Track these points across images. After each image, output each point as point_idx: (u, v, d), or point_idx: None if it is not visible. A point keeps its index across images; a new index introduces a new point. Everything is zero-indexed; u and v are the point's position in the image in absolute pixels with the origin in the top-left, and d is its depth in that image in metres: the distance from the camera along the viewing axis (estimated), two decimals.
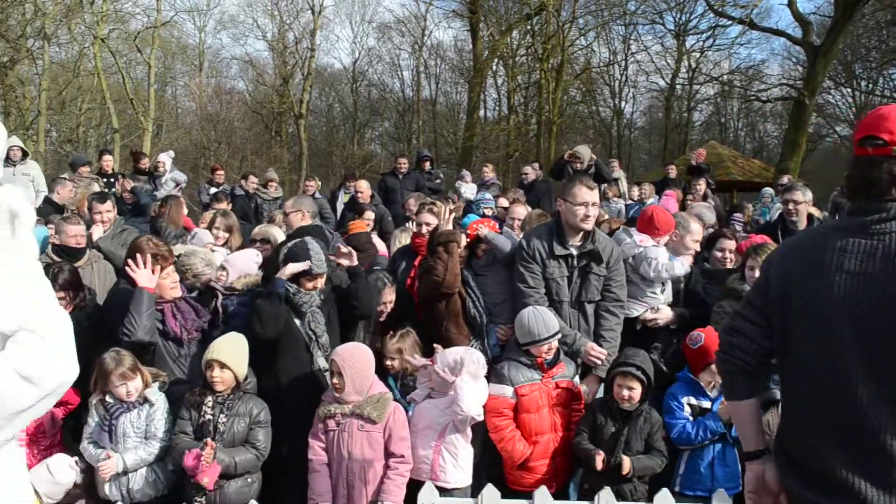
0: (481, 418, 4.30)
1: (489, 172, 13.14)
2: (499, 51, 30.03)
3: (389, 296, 5.27)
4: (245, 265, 5.33)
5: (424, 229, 5.58)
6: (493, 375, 4.58)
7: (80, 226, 5.70)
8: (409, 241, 5.98)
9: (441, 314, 5.14)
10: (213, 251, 5.75)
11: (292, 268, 4.61)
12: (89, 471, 4.26)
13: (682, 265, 5.15)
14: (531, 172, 12.54)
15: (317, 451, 4.25)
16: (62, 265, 4.96)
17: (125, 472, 4.15)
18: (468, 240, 5.41)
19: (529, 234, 5.15)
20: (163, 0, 28.47)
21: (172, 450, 4.15)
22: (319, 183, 12.72)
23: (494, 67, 32.13)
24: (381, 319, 5.23)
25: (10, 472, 2.14)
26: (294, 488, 4.40)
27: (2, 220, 2.10)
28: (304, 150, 31.29)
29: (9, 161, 9.25)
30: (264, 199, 11.07)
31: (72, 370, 2.08)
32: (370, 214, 8.21)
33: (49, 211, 7.48)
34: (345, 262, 4.98)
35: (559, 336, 4.60)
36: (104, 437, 4.22)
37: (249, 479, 4.19)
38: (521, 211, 6.87)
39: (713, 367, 4.32)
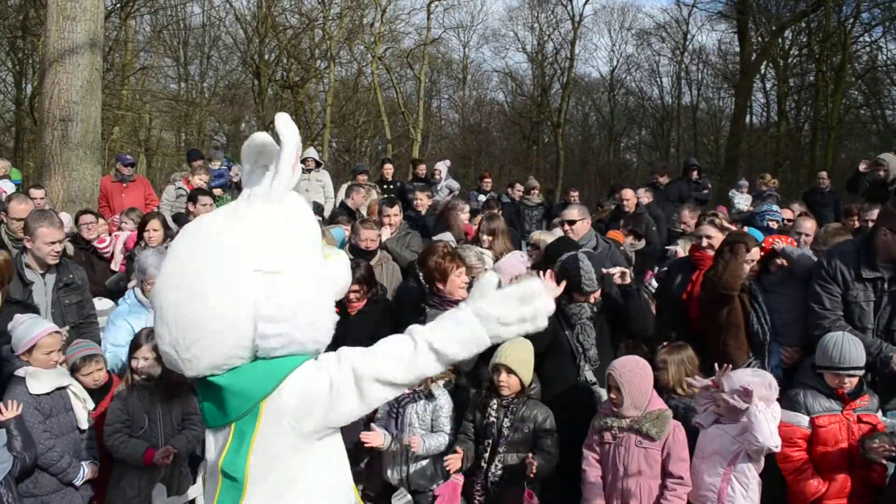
0: (778, 449, 3.99)
1: (766, 182, 12.19)
2: (769, 52, 28.02)
3: None
4: (515, 267, 5.40)
5: (705, 242, 5.32)
6: (786, 401, 4.24)
7: (374, 230, 6.15)
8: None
9: (721, 325, 4.88)
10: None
11: (561, 286, 4.61)
12: (375, 454, 4.56)
13: None
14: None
15: (591, 462, 4.21)
16: (359, 261, 5.36)
17: (416, 459, 4.38)
18: (762, 253, 5.08)
19: (832, 253, 4.72)
20: (432, 19, 30.26)
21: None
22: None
23: (763, 70, 30.06)
24: None
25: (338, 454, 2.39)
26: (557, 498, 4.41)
27: None
28: (560, 158, 31.49)
29: (304, 169, 10.30)
30: (526, 206, 11.30)
31: None
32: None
33: (343, 214, 8.21)
34: (617, 280, 4.89)
35: (860, 372, 4.15)
36: (391, 423, 4.50)
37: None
38: (810, 225, 6.30)
39: None
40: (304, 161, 10.57)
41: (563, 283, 4.76)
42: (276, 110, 28.20)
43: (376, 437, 4.35)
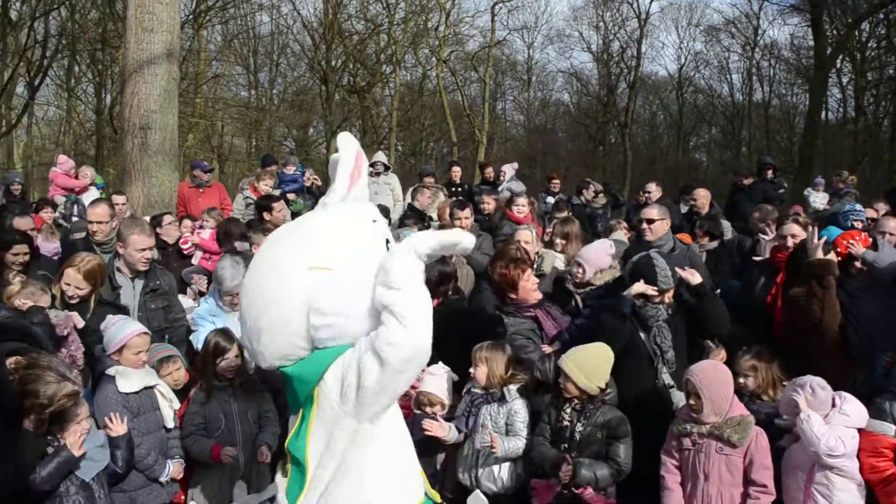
0: (838, 453, 3.86)
1: (844, 180, 11.72)
2: (846, 45, 27.03)
3: None
4: (600, 259, 5.31)
5: (790, 242, 5.15)
6: (873, 410, 4.07)
7: None
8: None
9: (814, 348, 4.70)
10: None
11: (639, 287, 4.54)
12: (450, 454, 4.56)
13: None
14: None
15: (669, 468, 4.14)
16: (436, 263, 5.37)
17: (486, 463, 4.35)
18: (839, 258, 4.88)
19: None
20: (496, 20, 30.22)
21: (532, 451, 4.29)
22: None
23: (839, 64, 29.01)
24: None
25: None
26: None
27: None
28: (628, 159, 31.05)
29: (372, 173, 10.40)
30: (594, 208, 11.14)
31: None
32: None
33: (412, 216, 8.27)
34: (688, 278, 4.80)
35: None
36: (462, 422, 4.49)
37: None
38: (895, 224, 6.04)
39: None
40: (372, 165, 10.69)
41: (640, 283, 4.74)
42: (344, 115, 28.80)
43: (439, 428, 4.38)
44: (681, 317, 4.73)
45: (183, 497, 4.55)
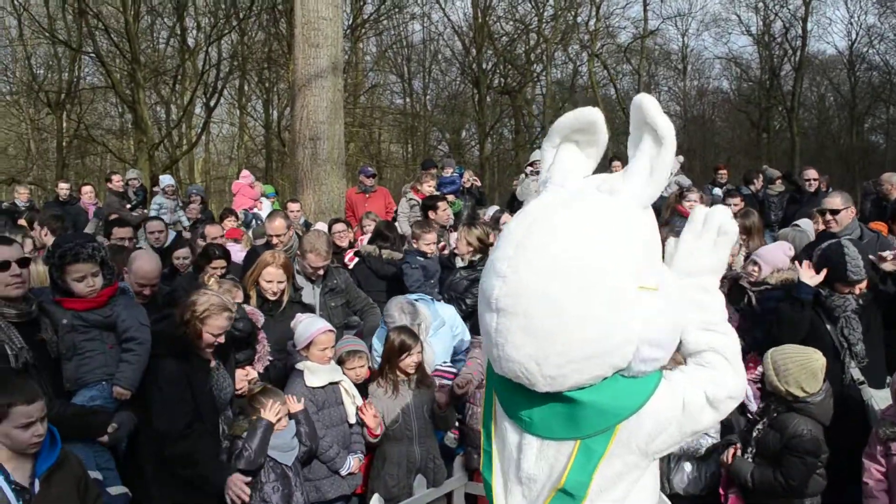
0: None
1: None
2: None
3: None
4: (777, 259, 5.15)
5: None
6: None
7: None
8: None
9: None
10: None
11: (820, 275, 4.29)
12: None
13: None
14: None
15: (873, 473, 3.89)
16: None
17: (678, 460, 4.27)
18: None
19: None
20: (649, 10, 29.42)
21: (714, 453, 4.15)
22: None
23: None
24: None
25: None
26: None
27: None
28: (795, 145, 29.24)
29: (533, 172, 10.43)
30: (770, 196, 10.58)
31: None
32: None
33: None
34: (889, 266, 4.45)
35: None
36: None
37: None
38: None
39: None
40: (531, 164, 10.72)
41: (824, 272, 4.47)
42: (495, 116, 29.03)
43: None
44: (875, 308, 4.43)
45: (363, 489, 4.73)
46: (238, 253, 7.13)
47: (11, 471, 2.89)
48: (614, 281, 1.92)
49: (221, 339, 4.00)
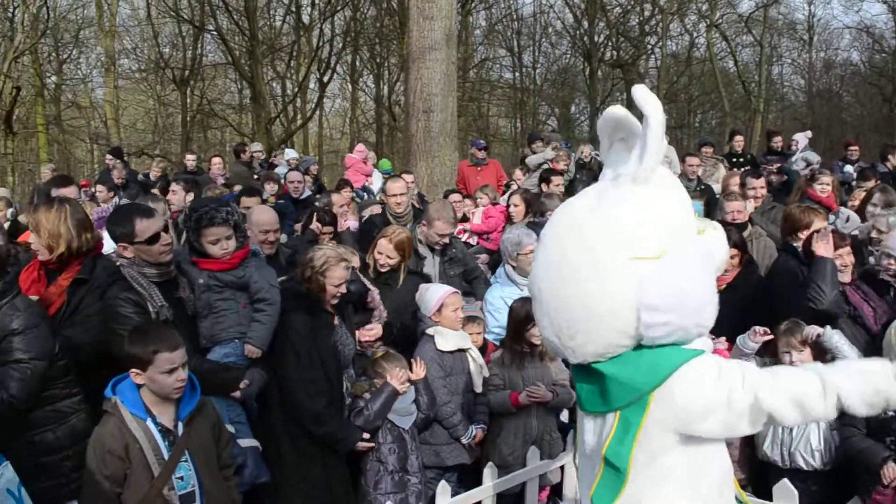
0: None
1: None
2: None
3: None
4: None
5: None
6: None
7: (740, 202, 5.88)
8: None
9: None
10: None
11: None
12: None
13: None
14: None
15: None
16: (729, 228, 5.14)
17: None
18: None
19: None
20: None
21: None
22: None
23: None
24: None
25: None
26: None
27: None
28: None
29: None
30: None
31: None
32: None
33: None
34: None
35: None
36: None
37: None
38: None
39: None
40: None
41: None
42: (606, 91, 28.41)
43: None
44: None
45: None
46: (349, 221, 7.32)
47: (158, 415, 3.10)
48: (601, 253, 2.21)
49: (343, 290, 4.13)
